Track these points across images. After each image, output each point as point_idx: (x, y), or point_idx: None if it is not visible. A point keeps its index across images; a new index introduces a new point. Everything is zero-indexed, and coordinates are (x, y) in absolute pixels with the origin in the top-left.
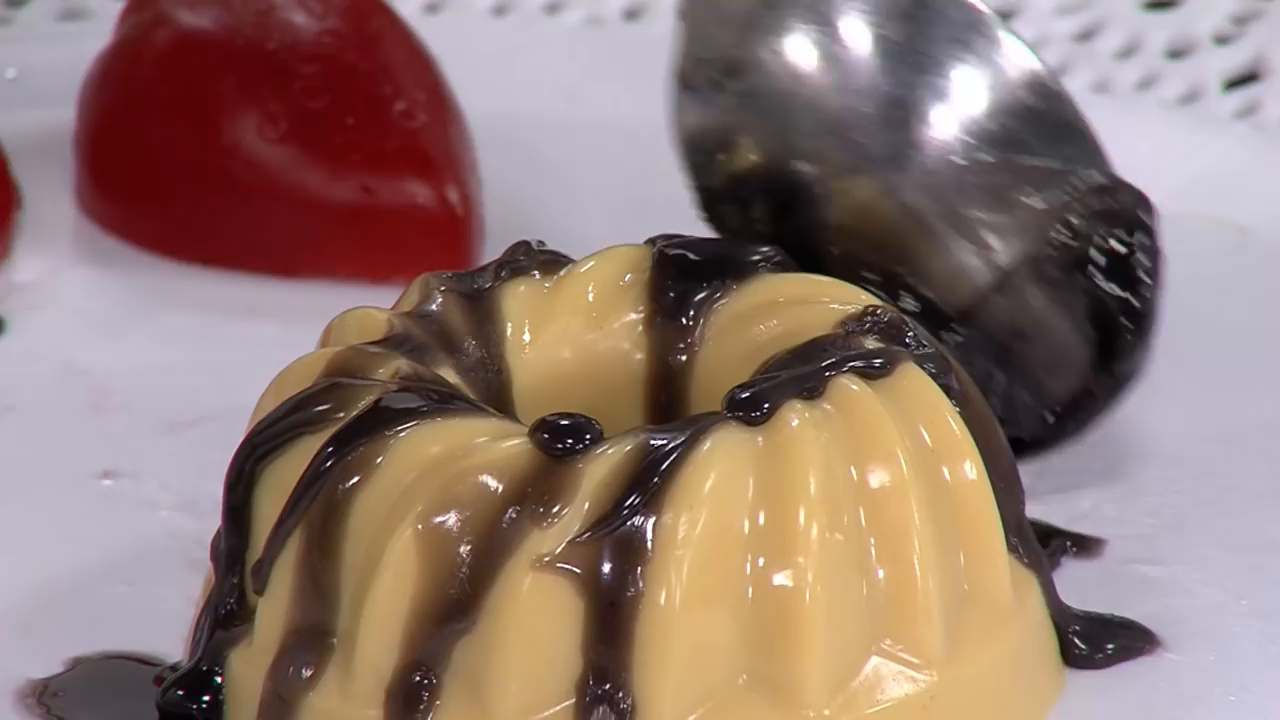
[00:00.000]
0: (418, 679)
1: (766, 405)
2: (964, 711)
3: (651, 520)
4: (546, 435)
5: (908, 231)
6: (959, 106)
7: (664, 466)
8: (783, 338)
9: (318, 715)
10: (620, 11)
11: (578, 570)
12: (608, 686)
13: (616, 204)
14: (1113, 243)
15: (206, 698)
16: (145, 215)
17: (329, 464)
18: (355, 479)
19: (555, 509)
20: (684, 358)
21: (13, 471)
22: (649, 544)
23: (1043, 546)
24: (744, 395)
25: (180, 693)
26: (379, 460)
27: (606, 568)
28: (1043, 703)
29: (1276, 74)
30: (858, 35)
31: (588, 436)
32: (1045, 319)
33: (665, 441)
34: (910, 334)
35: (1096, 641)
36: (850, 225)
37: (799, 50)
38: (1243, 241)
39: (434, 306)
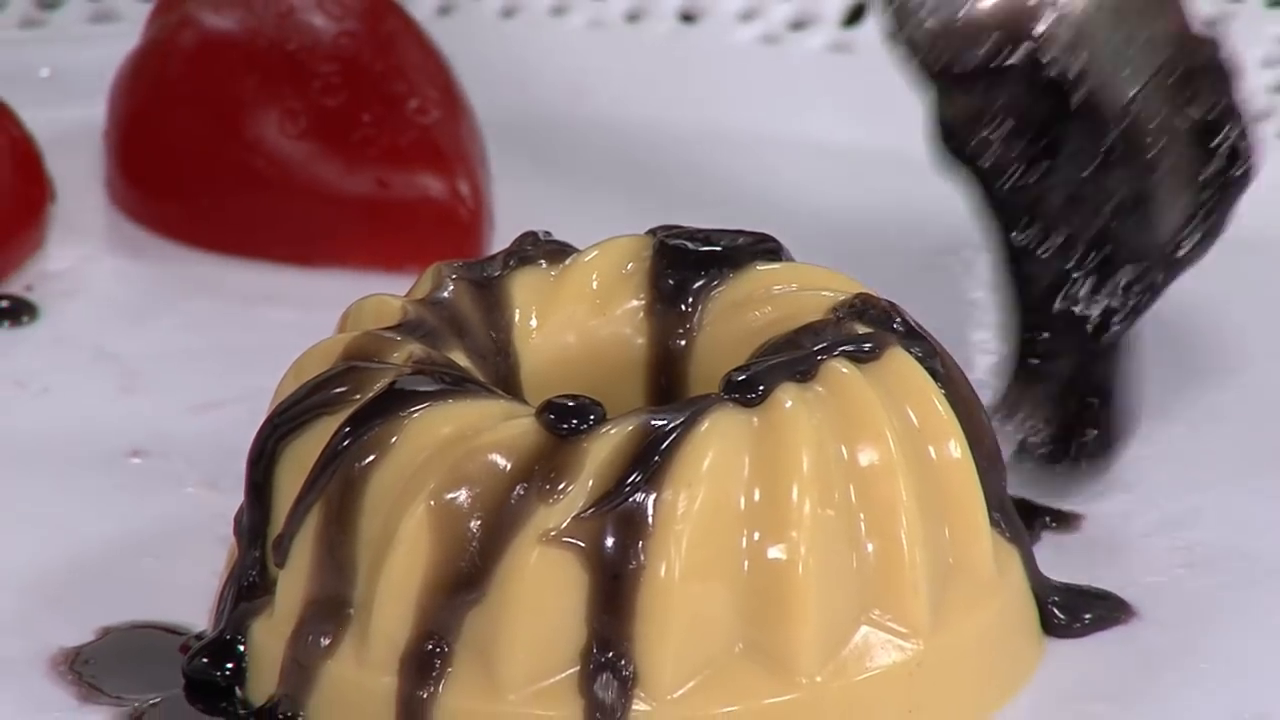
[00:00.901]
0: (430, 647)
1: (761, 388)
2: (949, 678)
3: (652, 497)
4: (553, 416)
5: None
6: None
7: (664, 446)
8: (777, 323)
9: (335, 682)
10: (622, 15)
11: (582, 544)
12: (611, 655)
13: (619, 196)
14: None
15: (230, 665)
16: (172, 207)
17: (346, 443)
18: (371, 457)
19: (561, 486)
20: (683, 342)
21: (46, 450)
22: (650, 519)
23: (1023, 521)
24: (740, 378)
25: (205, 660)
26: (393, 440)
27: (609, 542)
28: (1024, 670)
29: (1245, 72)
30: None
31: (592, 417)
32: (1172, 136)
33: (665, 422)
34: (898, 319)
35: (1075, 611)
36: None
37: None
38: None
39: (446, 294)
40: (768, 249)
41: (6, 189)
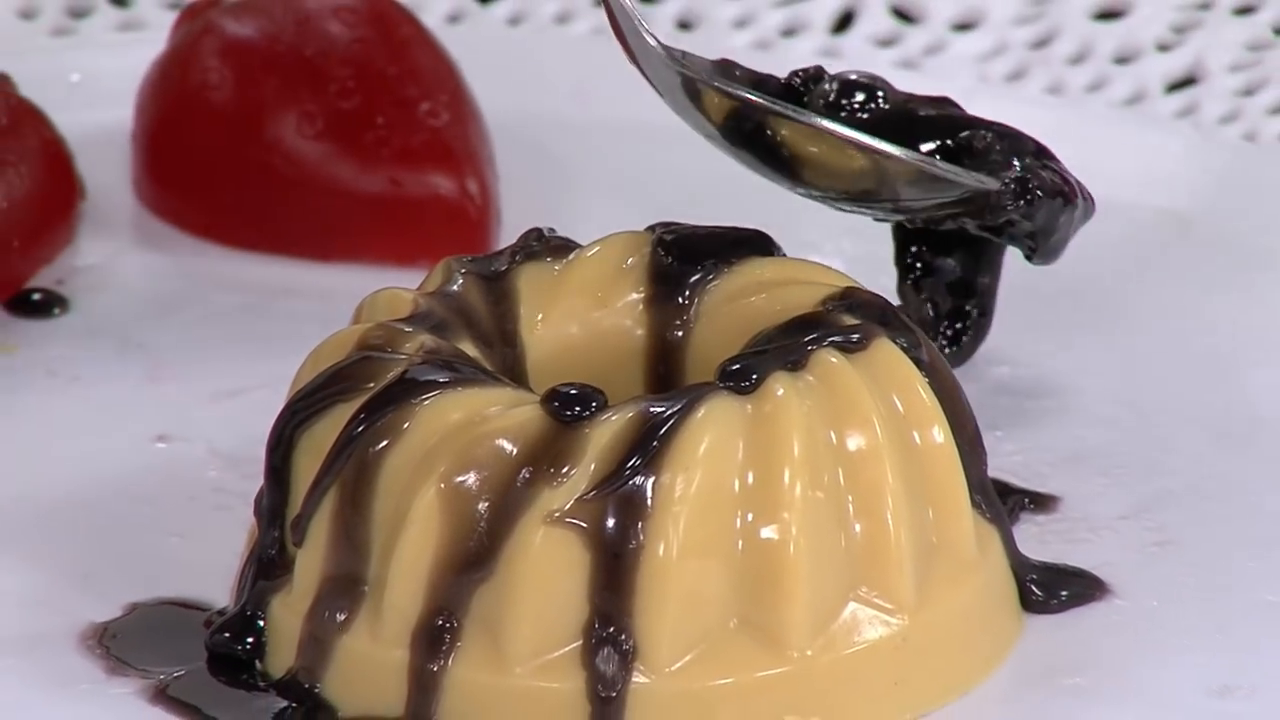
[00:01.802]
0: (440, 623)
1: (755, 376)
2: (933, 652)
3: (651, 480)
4: (556, 403)
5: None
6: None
7: (662, 431)
8: (770, 315)
9: (350, 656)
10: None
11: (585, 525)
12: (611, 630)
13: (619, 195)
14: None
15: (250, 639)
16: (196, 205)
17: (361, 429)
18: (384, 442)
19: (564, 470)
20: (680, 333)
21: (77, 435)
22: (649, 501)
23: (1003, 503)
24: (734, 367)
25: (226, 635)
26: (405, 426)
27: (611, 523)
28: (1004, 644)
29: (1213, 77)
30: None
31: (594, 404)
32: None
33: (663, 409)
34: (885, 312)
35: (1052, 589)
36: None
37: None
38: (1183, 230)
39: (455, 287)
40: (761, 245)
41: (39, 188)
